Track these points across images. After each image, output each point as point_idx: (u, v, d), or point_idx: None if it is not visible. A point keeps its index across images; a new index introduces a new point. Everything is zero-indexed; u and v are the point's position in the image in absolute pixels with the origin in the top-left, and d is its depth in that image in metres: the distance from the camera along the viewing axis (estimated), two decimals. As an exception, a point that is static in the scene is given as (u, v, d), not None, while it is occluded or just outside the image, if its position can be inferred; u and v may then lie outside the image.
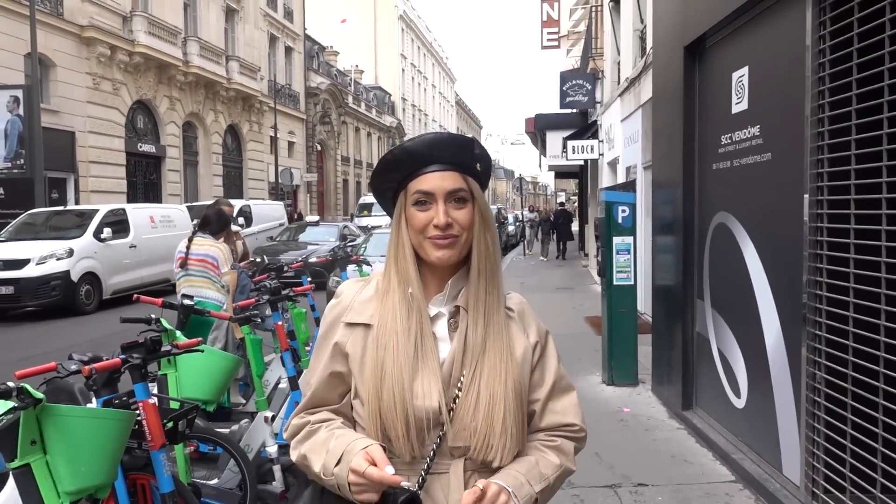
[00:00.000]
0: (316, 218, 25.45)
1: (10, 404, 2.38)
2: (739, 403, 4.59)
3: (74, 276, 12.02)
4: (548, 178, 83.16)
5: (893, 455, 3.01)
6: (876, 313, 3.13)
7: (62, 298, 11.80)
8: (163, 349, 2.88)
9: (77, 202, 19.00)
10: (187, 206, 17.09)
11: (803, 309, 3.72)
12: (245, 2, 30.02)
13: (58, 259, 11.88)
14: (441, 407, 1.36)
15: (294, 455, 1.46)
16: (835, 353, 3.48)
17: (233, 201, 18.97)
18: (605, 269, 6.68)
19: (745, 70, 4.44)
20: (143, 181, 23.60)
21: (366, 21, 55.10)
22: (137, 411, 2.77)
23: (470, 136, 1.46)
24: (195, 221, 15.20)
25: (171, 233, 14.43)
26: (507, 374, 1.41)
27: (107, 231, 12.90)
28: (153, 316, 3.62)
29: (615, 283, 6.65)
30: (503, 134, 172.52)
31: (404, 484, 1.27)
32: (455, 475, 1.39)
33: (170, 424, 2.92)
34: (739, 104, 4.53)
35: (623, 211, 6.58)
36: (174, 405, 3.18)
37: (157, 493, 3.19)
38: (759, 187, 4.27)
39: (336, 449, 1.36)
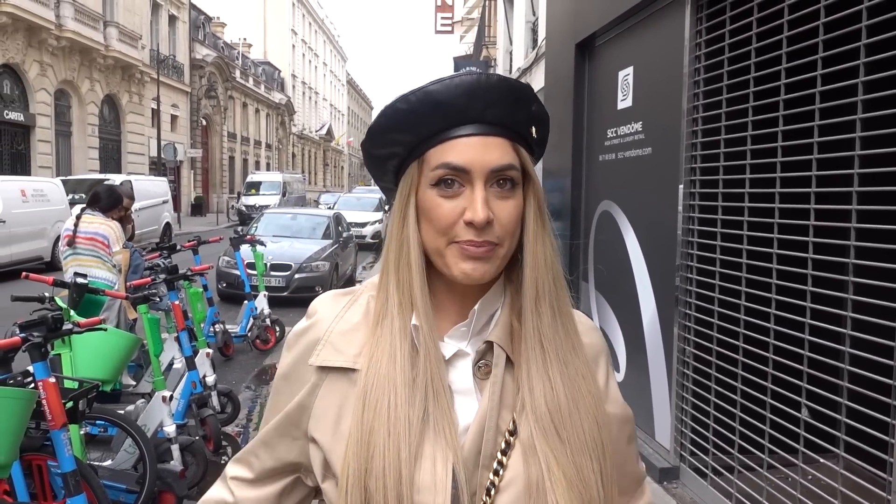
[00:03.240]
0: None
1: None
2: (619, 378, 4.98)
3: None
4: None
5: (749, 420, 3.43)
6: (737, 295, 3.52)
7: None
8: (64, 327, 2.85)
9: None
10: (62, 180, 16.08)
11: (676, 291, 4.10)
12: (125, -35, 28.41)
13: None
14: (462, 500, 0.88)
15: None
16: (702, 329, 3.87)
17: (112, 176, 18.10)
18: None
19: (630, 70, 4.77)
20: (10, 151, 21.98)
21: (255, -7, 53.37)
22: (37, 390, 2.74)
23: (524, 81, 0.98)
24: (70, 196, 14.48)
25: (44, 208, 13.65)
26: (594, 452, 0.92)
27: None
28: (47, 294, 3.52)
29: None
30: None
31: None
32: None
33: (70, 404, 2.90)
34: (624, 101, 4.87)
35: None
36: (71, 384, 3.14)
37: (54, 474, 3.17)
38: (641, 179, 4.63)
39: None
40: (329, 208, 18.24)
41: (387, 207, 24.86)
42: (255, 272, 8.16)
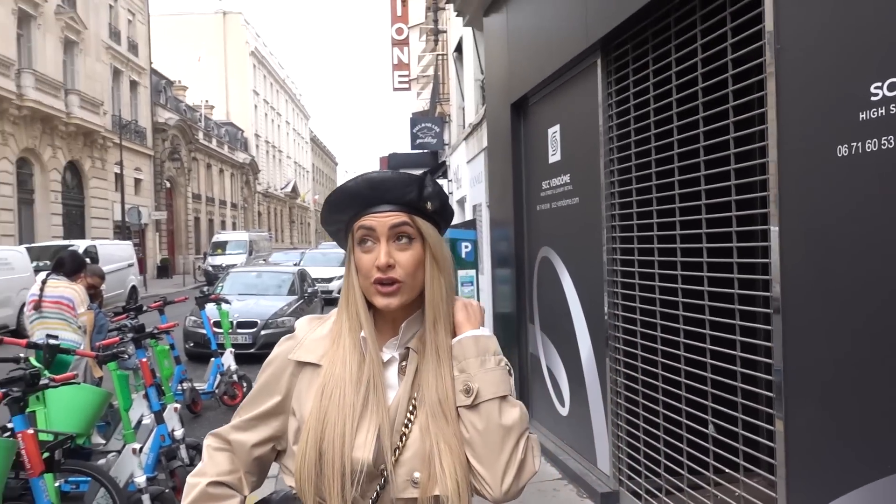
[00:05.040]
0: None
1: None
2: (564, 412, 5.33)
3: None
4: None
5: (673, 442, 3.80)
6: (654, 328, 3.92)
7: None
8: (41, 382, 3.12)
9: None
10: (26, 248, 16.15)
11: (605, 328, 4.50)
12: (85, 34, 28.82)
13: None
14: (386, 455, 1.30)
15: None
16: (629, 361, 4.26)
17: (76, 242, 18.18)
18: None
19: (557, 127, 5.26)
20: (-29, 221, 21.93)
21: (216, 56, 54.16)
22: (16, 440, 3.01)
23: (420, 172, 1.43)
24: (34, 263, 14.55)
25: (8, 276, 13.73)
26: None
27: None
28: (22, 355, 3.78)
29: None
30: (358, 170, 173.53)
31: None
32: None
33: (46, 454, 3.16)
34: (554, 155, 5.34)
35: (466, 247, 7.30)
36: (47, 437, 3.39)
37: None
38: (572, 226, 5.07)
39: None
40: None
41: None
42: (221, 330, 8.39)
